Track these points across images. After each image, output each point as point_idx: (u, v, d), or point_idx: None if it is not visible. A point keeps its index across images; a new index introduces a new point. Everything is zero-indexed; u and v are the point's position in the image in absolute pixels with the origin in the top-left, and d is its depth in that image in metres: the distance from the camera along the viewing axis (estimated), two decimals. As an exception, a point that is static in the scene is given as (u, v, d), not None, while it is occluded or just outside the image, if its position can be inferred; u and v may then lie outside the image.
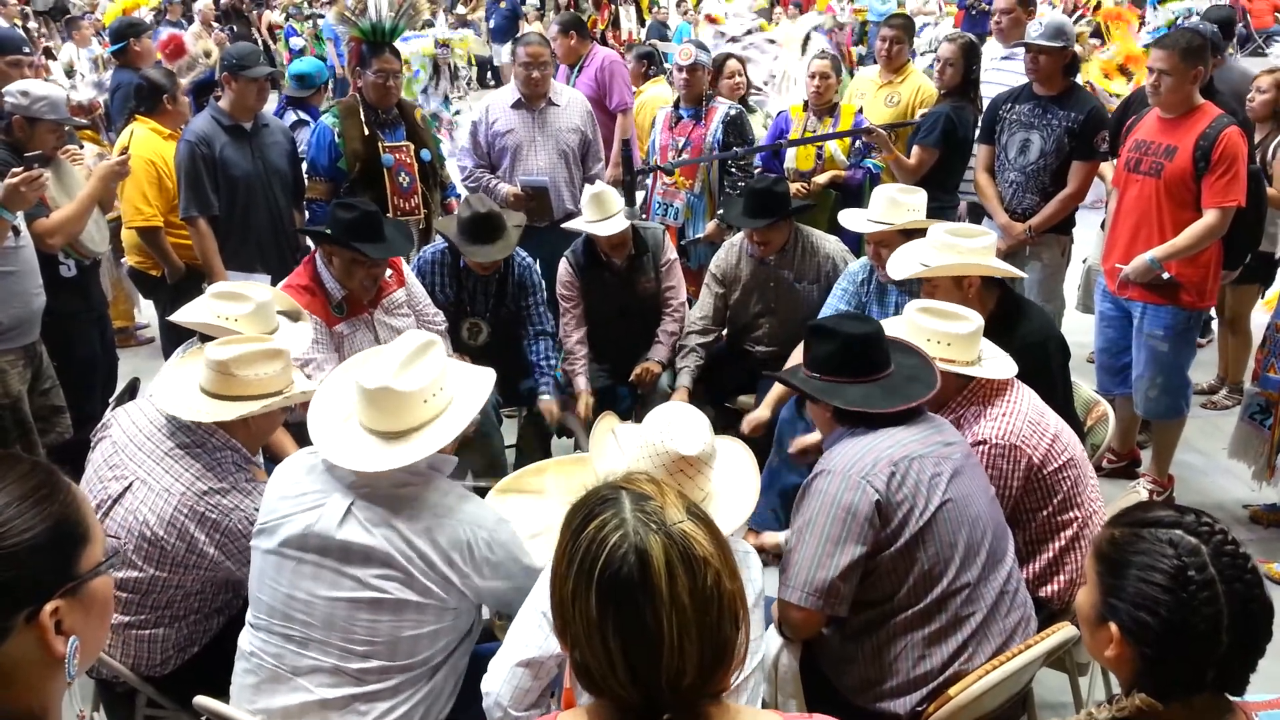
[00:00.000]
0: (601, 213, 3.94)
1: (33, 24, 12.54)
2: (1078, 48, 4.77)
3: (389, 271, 3.60)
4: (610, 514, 1.21)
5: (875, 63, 6.13)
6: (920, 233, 3.22)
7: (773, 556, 2.71)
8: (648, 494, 1.24)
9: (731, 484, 2.17)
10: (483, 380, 2.26)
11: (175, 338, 3.74)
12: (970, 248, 3.01)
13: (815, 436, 3.14)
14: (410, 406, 2.07)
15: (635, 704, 1.18)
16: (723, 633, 1.19)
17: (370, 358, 2.22)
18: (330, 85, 12.82)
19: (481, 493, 3.60)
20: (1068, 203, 4.39)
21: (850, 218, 3.76)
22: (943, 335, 2.56)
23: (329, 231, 3.39)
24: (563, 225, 4.45)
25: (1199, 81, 3.73)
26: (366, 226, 3.35)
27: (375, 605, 2.02)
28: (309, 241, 3.92)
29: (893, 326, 2.60)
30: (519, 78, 4.72)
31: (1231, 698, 1.38)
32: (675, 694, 1.17)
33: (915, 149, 4.80)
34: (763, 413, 3.68)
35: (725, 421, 3.85)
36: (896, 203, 3.55)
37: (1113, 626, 1.37)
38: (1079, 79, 4.80)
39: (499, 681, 1.93)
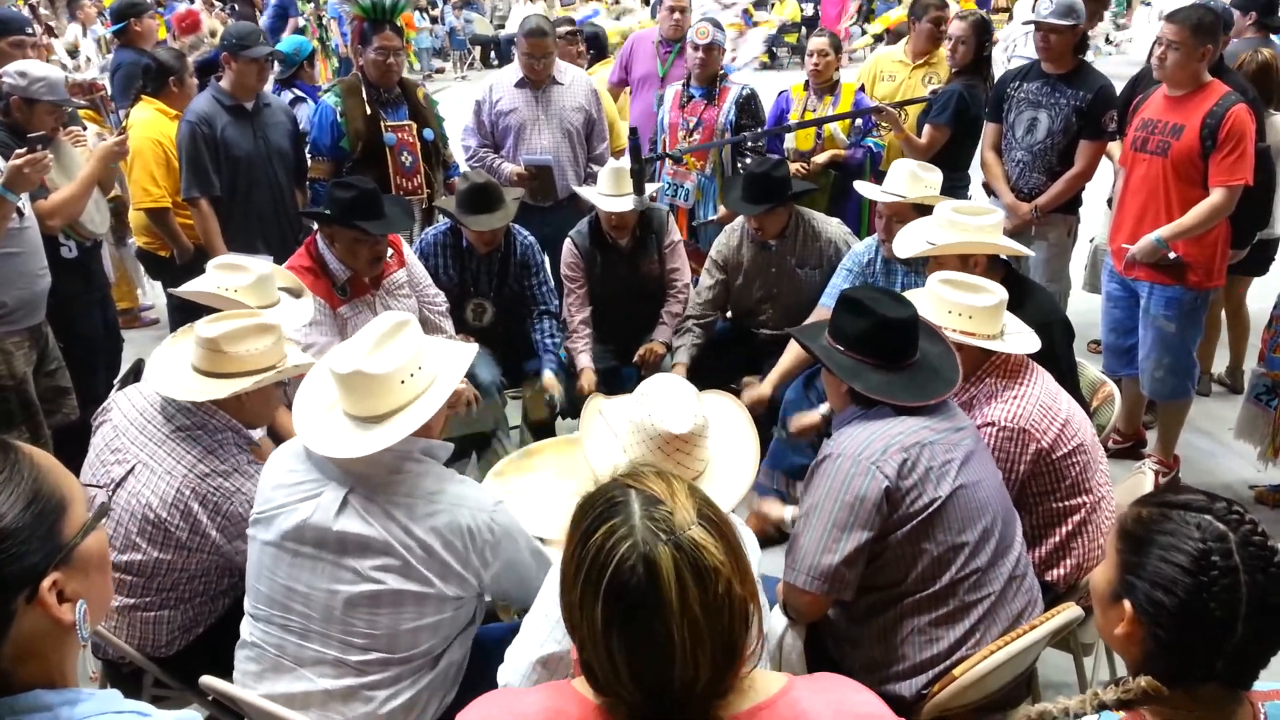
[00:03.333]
0: (616, 189, 3.93)
1: (44, 9, 12.50)
2: None
3: (390, 251, 3.59)
4: (619, 520, 1.18)
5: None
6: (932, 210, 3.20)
7: (774, 528, 2.71)
8: (657, 495, 1.21)
9: (729, 449, 2.15)
10: (463, 355, 2.21)
11: (182, 319, 3.74)
12: (977, 225, 3.00)
13: (815, 416, 3.13)
14: (386, 389, 2.02)
15: (640, 706, 1.18)
16: (734, 636, 1.18)
17: (345, 344, 2.16)
18: (335, 64, 12.81)
19: (482, 441, 3.56)
20: (1075, 182, 4.36)
21: (866, 187, 3.76)
22: (964, 308, 2.53)
23: (328, 212, 3.38)
24: (575, 189, 4.45)
25: (1208, 59, 3.68)
26: (366, 204, 3.35)
27: (374, 599, 2.00)
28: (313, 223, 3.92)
29: (914, 298, 2.54)
30: (522, 64, 4.69)
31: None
32: (687, 698, 1.16)
33: (927, 127, 4.76)
34: (764, 389, 3.67)
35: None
36: (917, 178, 3.53)
37: (1126, 604, 1.36)
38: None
39: (519, 677, 1.87)
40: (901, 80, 5.21)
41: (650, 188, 4.17)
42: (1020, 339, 2.59)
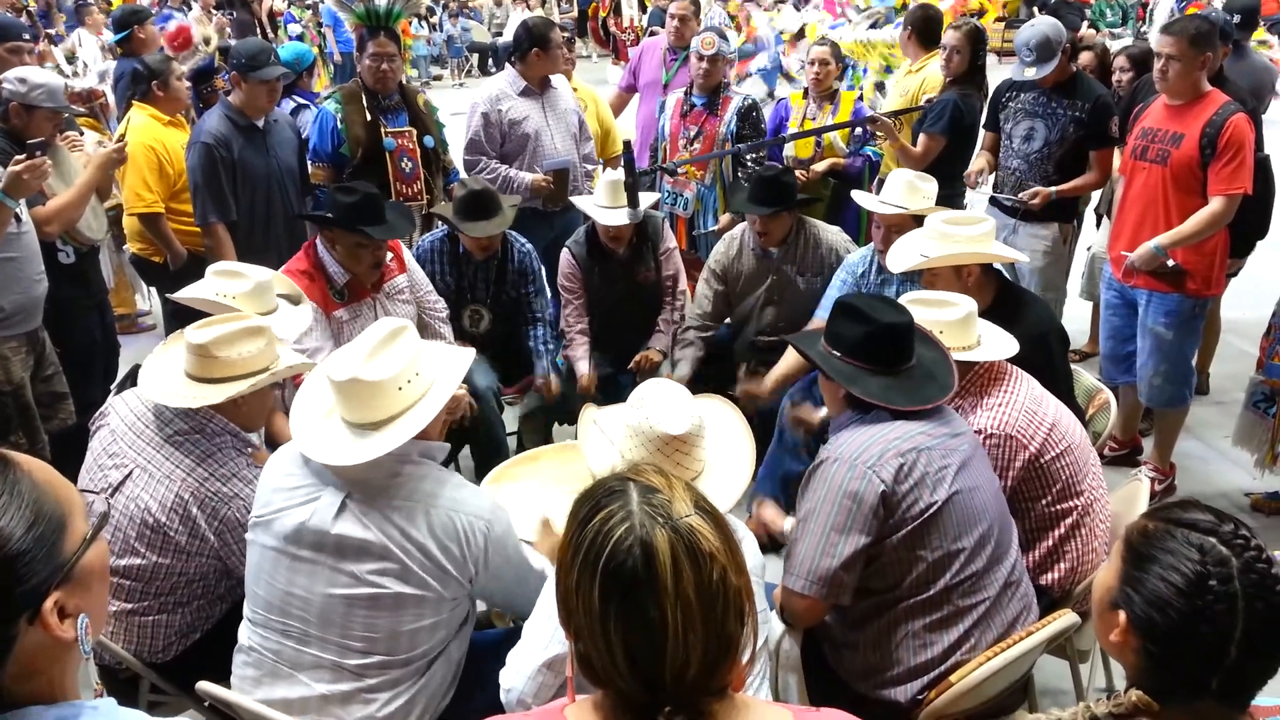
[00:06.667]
0: (614, 201, 3.94)
1: (34, 7, 12.52)
2: None
3: (390, 256, 3.60)
4: (617, 506, 1.20)
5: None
6: (929, 220, 3.21)
7: (769, 537, 2.70)
8: (655, 486, 1.22)
9: (725, 452, 2.16)
10: (460, 360, 2.21)
11: (178, 324, 3.74)
12: (969, 235, 3.00)
13: (817, 416, 3.13)
14: (383, 395, 2.02)
15: (637, 696, 1.18)
16: (727, 628, 1.18)
17: (342, 350, 2.16)
18: (331, 71, 12.82)
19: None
20: (1089, 186, 4.50)
21: (865, 199, 3.75)
22: (934, 323, 2.53)
23: (330, 216, 3.39)
24: (571, 199, 4.45)
25: (1207, 68, 3.70)
26: (368, 209, 3.36)
27: (373, 601, 2.00)
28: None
29: None
30: (547, 65, 4.69)
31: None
32: (678, 688, 1.16)
33: (922, 137, 4.76)
34: (765, 385, 3.64)
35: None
36: (914, 188, 3.53)
37: (1122, 614, 1.36)
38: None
39: (522, 679, 1.88)
40: (894, 86, 5.28)
41: (650, 197, 4.18)
42: (996, 345, 2.60)
